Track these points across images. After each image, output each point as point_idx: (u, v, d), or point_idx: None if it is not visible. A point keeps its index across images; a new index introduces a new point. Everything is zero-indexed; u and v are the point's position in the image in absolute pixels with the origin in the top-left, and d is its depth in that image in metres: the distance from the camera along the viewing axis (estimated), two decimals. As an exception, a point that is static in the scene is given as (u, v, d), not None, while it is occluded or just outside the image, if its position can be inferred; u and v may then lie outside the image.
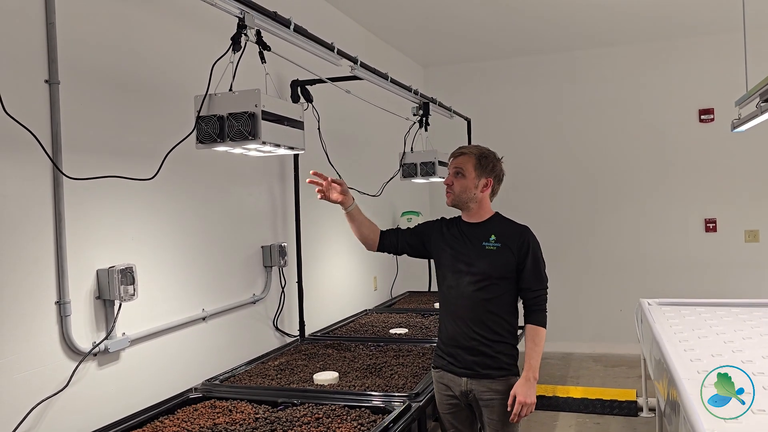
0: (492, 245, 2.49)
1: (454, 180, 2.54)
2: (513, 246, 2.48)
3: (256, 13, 2.31)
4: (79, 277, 2.37)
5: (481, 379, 2.46)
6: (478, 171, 2.52)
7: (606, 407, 4.65)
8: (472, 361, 2.47)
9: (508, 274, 2.48)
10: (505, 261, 2.47)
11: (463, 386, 2.49)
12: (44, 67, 2.26)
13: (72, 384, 2.30)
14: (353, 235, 2.76)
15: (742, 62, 4.09)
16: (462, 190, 2.53)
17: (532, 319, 2.49)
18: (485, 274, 2.47)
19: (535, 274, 2.49)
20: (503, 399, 2.43)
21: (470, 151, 2.57)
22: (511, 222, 2.58)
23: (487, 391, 2.46)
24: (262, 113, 2.12)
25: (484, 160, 2.54)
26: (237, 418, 2.43)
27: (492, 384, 2.46)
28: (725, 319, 3.60)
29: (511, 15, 5.29)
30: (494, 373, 2.46)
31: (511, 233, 2.52)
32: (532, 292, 2.50)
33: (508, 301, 2.50)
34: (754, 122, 3.54)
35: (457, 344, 2.51)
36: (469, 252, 2.52)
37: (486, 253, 2.49)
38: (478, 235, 2.53)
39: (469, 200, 2.54)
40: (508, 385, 2.45)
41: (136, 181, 2.31)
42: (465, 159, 2.55)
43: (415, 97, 4.14)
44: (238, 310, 3.39)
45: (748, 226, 6.01)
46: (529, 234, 2.53)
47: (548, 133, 6.49)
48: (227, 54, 2.20)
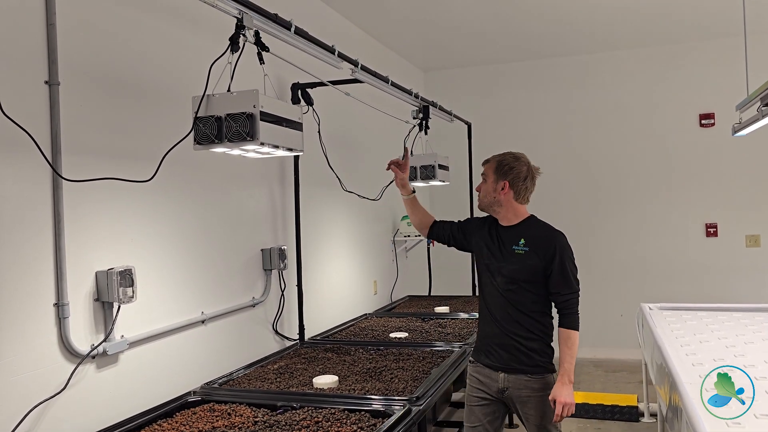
0: (521, 249, 2.59)
1: (481, 185, 2.71)
2: (540, 251, 2.56)
3: (254, 14, 2.30)
4: (78, 278, 2.36)
5: (518, 374, 2.57)
6: (496, 175, 2.65)
7: (607, 412, 4.63)
8: (508, 358, 2.59)
9: (535, 278, 2.57)
10: (531, 265, 2.56)
11: (500, 383, 2.60)
12: (44, 68, 2.26)
13: (70, 386, 2.29)
14: (353, 238, 2.79)
15: (742, 66, 4.09)
16: (484, 194, 2.69)
17: (563, 323, 2.58)
18: (513, 277, 2.58)
19: (563, 278, 2.56)
20: (540, 396, 2.54)
21: (493, 157, 2.72)
22: (543, 226, 2.67)
23: (524, 388, 2.57)
24: (261, 114, 2.11)
25: (501, 164, 2.67)
26: (236, 421, 2.42)
27: (528, 381, 2.56)
28: (727, 324, 3.59)
29: (512, 19, 5.29)
30: (529, 369, 2.56)
31: (541, 238, 2.60)
32: (561, 296, 2.57)
33: (539, 303, 2.59)
34: (755, 126, 3.53)
35: (492, 341, 2.64)
36: (501, 254, 2.63)
37: (515, 256, 2.60)
38: (510, 238, 2.64)
39: (493, 203, 2.67)
40: (544, 383, 2.56)
41: (135, 183, 2.30)
42: (488, 165, 2.71)
43: (415, 100, 4.14)
44: (237, 313, 3.38)
45: (749, 230, 6.00)
46: (557, 239, 2.59)
47: (548, 137, 6.49)
48: (225, 55, 2.19)
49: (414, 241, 5.91)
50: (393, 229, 5.75)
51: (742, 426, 1.93)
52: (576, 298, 2.59)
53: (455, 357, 3.24)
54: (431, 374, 2.93)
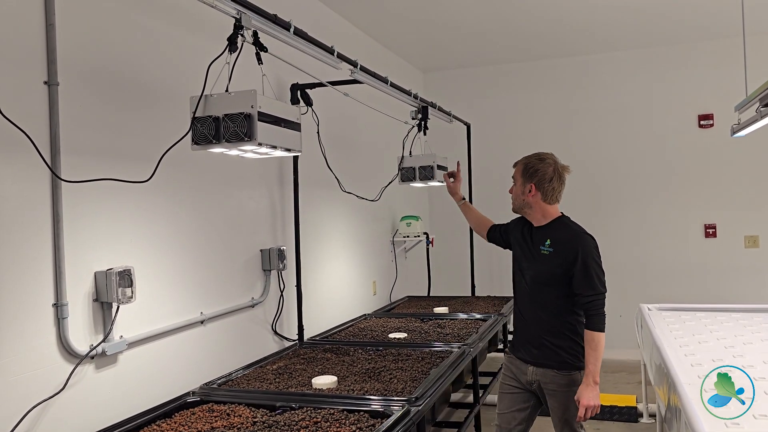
0: (546, 250, 2.68)
1: (512, 188, 2.81)
2: (563, 252, 2.63)
3: (252, 14, 2.30)
4: (77, 279, 2.36)
5: (546, 369, 2.68)
6: (523, 178, 2.74)
7: (606, 413, 4.63)
8: (537, 354, 2.70)
9: (556, 279, 2.64)
10: (554, 266, 2.64)
11: (529, 376, 2.73)
12: (43, 68, 2.26)
13: (69, 387, 2.29)
14: (352, 238, 2.82)
15: (741, 67, 4.10)
16: (514, 197, 2.80)
17: (587, 324, 2.62)
18: (537, 277, 2.69)
19: (585, 280, 2.58)
20: (565, 392, 2.64)
21: (521, 160, 2.79)
22: (570, 227, 2.72)
23: (551, 382, 2.68)
24: (259, 114, 2.10)
25: (527, 167, 2.75)
26: (235, 422, 2.42)
27: (555, 376, 2.67)
28: (726, 325, 3.59)
29: (511, 20, 5.30)
30: (556, 365, 2.66)
31: (565, 240, 2.66)
32: (584, 298, 2.60)
33: (563, 303, 2.66)
34: (753, 127, 3.53)
35: (523, 337, 2.78)
36: (529, 254, 2.75)
37: (540, 257, 2.69)
38: (538, 238, 2.73)
39: (523, 205, 2.77)
40: (570, 379, 2.65)
41: (134, 183, 2.30)
42: (516, 168, 2.80)
43: (414, 101, 4.14)
44: (236, 313, 3.38)
45: (747, 231, 6.01)
46: (581, 241, 2.63)
47: (547, 138, 6.48)
48: (224, 55, 2.19)
49: (413, 241, 5.91)
50: (392, 229, 5.75)
51: (741, 426, 1.93)
52: (600, 300, 2.60)
53: (454, 357, 3.24)
54: (430, 375, 2.93)
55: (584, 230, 2.70)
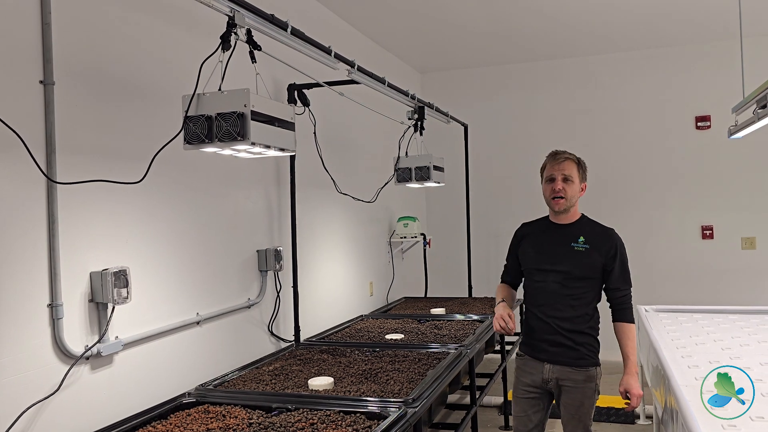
0: (581, 246, 2.69)
1: (564, 186, 2.70)
2: (601, 248, 2.68)
3: (246, 12, 2.27)
4: (72, 279, 2.35)
5: (563, 366, 2.69)
6: (580, 175, 2.74)
7: (603, 414, 4.63)
8: (555, 352, 2.71)
9: (593, 275, 2.69)
10: (591, 262, 2.68)
11: (545, 373, 2.72)
12: (39, 67, 2.25)
13: (64, 388, 2.27)
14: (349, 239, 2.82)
15: (738, 69, 4.10)
16: (572, 194, 2.71)
17: (623, 317, 2.73)
18: (569, 273, 2.68)
19: (623, 275, 2.72)
20: (581, 388, 2.67)
21: (570, 156, 2.73)
22: (598, 224, 2.79)
23: (567, 379, 2.69)
24: (252, 113, 2.08)
25: (583, 164, 2.75)
26: (230, 423, 2.41)
27: (572, 373, 2.68)
28: (722, 326, 3.59)
29: (509, 22, 5.30)
30: (574, 362, 2.68)
31: (600, 235, 2.72)
32: (620, 292, 2.73)
33: (590, 299, 2.72)
34: (750, 129, 3.54)
35: (540, 337, 2.75)
36: (556, 251, 2.72)
37: (574, 253, 2.69)
38: (568, 235, 2.73)
39: (573, 204, 2.75)
40: (587, 375, 2.68)
41: (127, 184, 2.28)
42: (570, 165, 2.71)
43: (411, 101, 4.14)
44: (232, 314, 3.37)
45: (744, 233, 6.02)
46: (616, 237, 2.74)
47: (545, 139, 6.47)
48: (217, 53, 2.16)
49: (410, 242, 5.90)
50: (389, 230, 5.74)
51: (738, 429, 1.93)
52: (631, 294, 2.74)
53: (451, 359, 3.24)
54: (427, 376, 2.92)
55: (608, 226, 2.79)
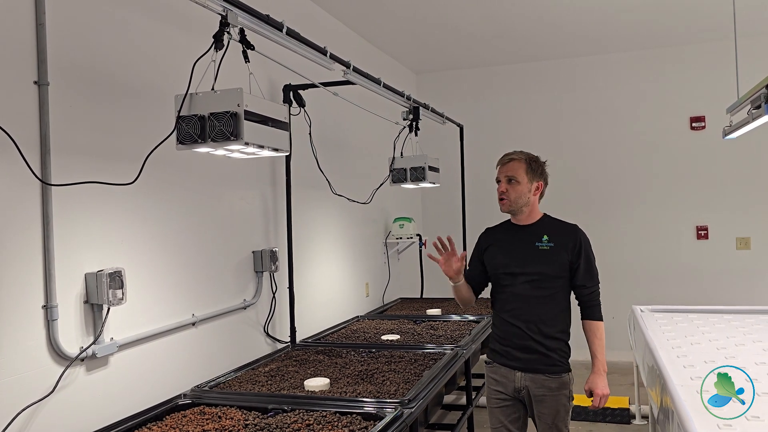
0: (545, 245, 2.62)
1: (508, 187, 2.63)
2: (566, 245, 2.61)
3: (239, 11, 2.26)
4: (67, 280, 2.34)
5: (535, 374, 2.59)
6: (529, 175, 2.63)
7: (598, 415, 4.64)
8: (526, 359, 2.60)
9: (562, 273, 2.61)
10: (559, 260, 2.60)
11: (517, 382, 2.61)
12: (33, 68, 2.24)
13: (59, 389, 2.27)
14: (345, 240, 2.77)
15: (733, 70, 4.12)
16: (517, 196, 2.63)
17: (591, 315, 2.65)
18: (539, 273, 2.60)
19: (588, 271, 2.63)
20: (555, 396, 2.58)
21: (519, 156, 2.66)
22: (560, 222, 2.72)
23: (540, 387, 2.58)
24: (245, 113, 2.07)
25: (534, 164, 2.65)
26: (226, 424, 2.40)
27: (545, 381, 2.58)
28: (717, 326, 3.60)
29: (505, 22, 5.30)
30: (547, 369, 2.59)
31: (563, 233, 2.65)
32: (586, 289, 2.64)
33: (561, 300, 2.63)
34: (745, 129, 3.55)
35: (510, 343, 2.64)
36: (522, 253, 2.64)
37: (539, 253, 2.61)
38: (530, 236, 2.65)
39: (524, 205, 2.65)
40: (560, 382, 2.59)
41: (120, 185, 2.27)
42: (516, 165, 2.64)
43: (406, 102, 4.14)
44: (228, 315, 3.36)
45: (739, 233, 6.04)
46: (580, 233, 2.68)
47: (540, 139, 6.49)
48: (211, 53, 2.14)
49: (406, 243, 5.90)
50: (385, 231, 5.74)
51: (734, 429, 1.93)
52: (599, 290, 2.67)
53: (447, 359, 3.24)
54: (423, 377, 2.92)
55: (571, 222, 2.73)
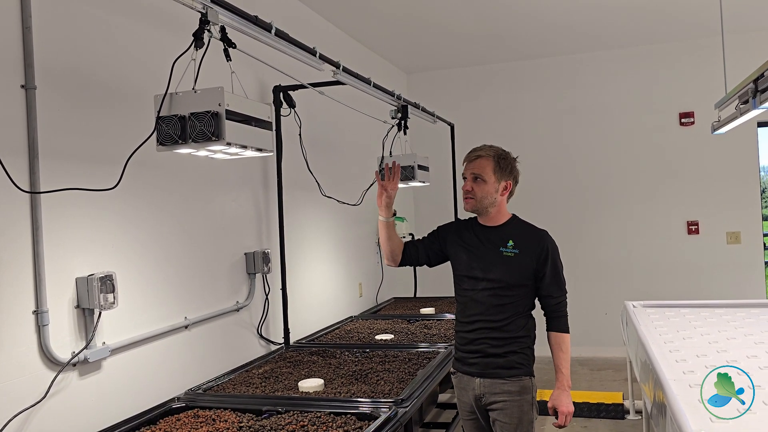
0: (510, 251, 2.45)
1: (473, 186, 2.47)
2: (532, 253, 2.45)
3: (219, 8, 2.21)
4: (58, 285, 2.32)
5: (494, 379, 2.44)
6: (497, 174, 2.46)
7: (593, 410, 4.66)
8: (485, 364, 2.46)
9: (525, 281, 2.46)
10: (522, 268, 2.44)
11: (476, 389, 2.47)
12: (20, 72, 2.22)
13: (51, 395, 2.25)
14: (337, 240, 2.74)
15: (720, 65, 4.15)
16: (483, 195, 2.46)
17: (556, 327, 2.49)
18: (501, 281, 2.44)
19: (555, 281, 2.47)
20: (517, 401, 2.42)
21: (486, 153, 2.49)
22: (529, 226, 2.54)
23: (500, 392, 2.43)
24: (227, 113, 2.02)
25: (503, 162, 2.48)
26: (220, 427, 2.40)
27: (504, 385, 2.43)
28: (709, 320, 3.62)
29: (495, 21, 5.31)
30: (505, 373, 2.44)
31: (530, 239, 2.48)
32: (553, 299, 2.49)
33: (524, 306, 2.48)
34: (733, 124, 3.57)
35: (469, 348, 2.50)
36: (486, 257, 2.47)
37: (503, 259, 2.45)
38: (496, 239, 2.49)
39: (490, 205, 2.48)
40: (521, 386, 2.44)
41: (101, 191, 2.24)
42: (483, 162, 2.47)
43: (397, 102, 4.13)
44: (221, 317, 3.35)
45: (729, 228, 6.07)
46: (547, 240, 2.49)
47: (531, 138, 6.51)
48: (190, 51, 2.10)
49: (399, 242, 5.89)
50: (377, 231, 5.73)
51: (726, 422, 1.94)
52: (566, 300, 2.52)
53: (441, 358, 3.24)
54: (417, 376, 2.92)
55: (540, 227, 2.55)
